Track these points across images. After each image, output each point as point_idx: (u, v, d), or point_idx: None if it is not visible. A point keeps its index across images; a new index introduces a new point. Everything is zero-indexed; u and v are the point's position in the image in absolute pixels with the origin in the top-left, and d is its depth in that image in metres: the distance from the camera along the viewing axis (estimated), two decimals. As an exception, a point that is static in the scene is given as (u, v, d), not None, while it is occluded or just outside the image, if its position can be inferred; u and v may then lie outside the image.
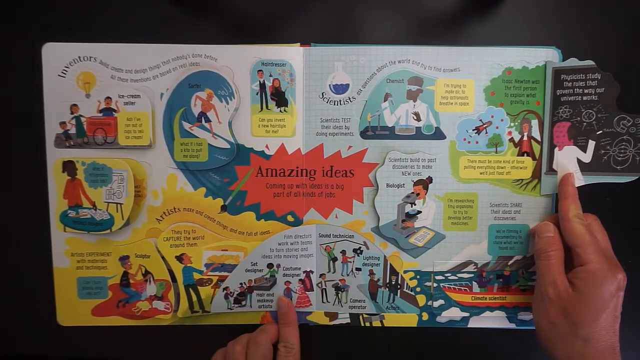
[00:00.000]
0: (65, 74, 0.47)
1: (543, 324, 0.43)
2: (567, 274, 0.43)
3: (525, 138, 0.48)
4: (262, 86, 0.48)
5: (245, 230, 0.49)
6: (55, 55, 0.47)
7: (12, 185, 0.50)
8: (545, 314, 0.43)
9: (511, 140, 0.48)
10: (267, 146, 0.48)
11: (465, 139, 0.48)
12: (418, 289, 0.50)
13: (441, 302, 0.50)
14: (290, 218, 0.49)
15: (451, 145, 0.48)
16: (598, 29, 0.47)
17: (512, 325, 0.50)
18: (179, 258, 0.49)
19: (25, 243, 0.50)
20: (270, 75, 0.48)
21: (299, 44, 0.47)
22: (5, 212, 0.50)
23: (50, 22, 0.48)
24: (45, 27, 0.48)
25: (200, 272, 0.49)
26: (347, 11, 0.48)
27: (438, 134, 0.48)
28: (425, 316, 0.50)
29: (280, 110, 0.48)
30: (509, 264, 0.49)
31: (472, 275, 0.49)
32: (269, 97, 0.48)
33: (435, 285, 0.49)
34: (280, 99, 0.48)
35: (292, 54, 0.47)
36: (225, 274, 0.49)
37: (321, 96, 0.48)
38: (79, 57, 0.47)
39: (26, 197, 0.49)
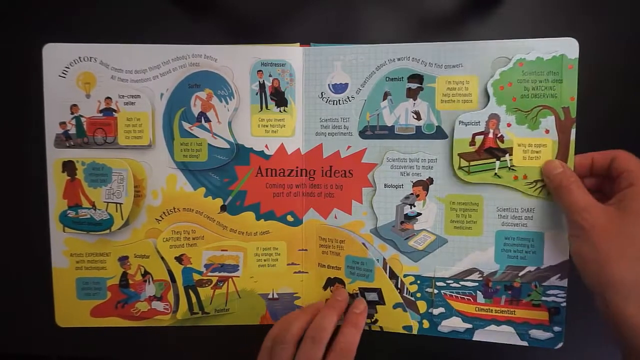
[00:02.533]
0: (65, 74, 0.47)
1: (586, 259, 0.39)
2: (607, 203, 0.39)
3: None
4: (262, 86, 0.47)
5: (245, 230, 0.49)
6: (56, 56, 0.47)
7: (11, 185, 0.50)
8: (585, 247, 0.39)
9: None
10: (266, 146, 0.48)
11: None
12: (419, 295, 0.48)
13: (442, 310, 0.47)
14: (290, 218, 0.49)
15: (453, 144, 0.45)
16: (613, 19, 0.45)
17: (524, 343, 0.46)
18: (179, 259, 0.49)
19: (25, 243, 0.50)
20: (270, 75, 0.47)
21: (298, 43, 0.47)
22: (5, 212, 0.51)
23: (51, 23, 0.49)
24: (46, 27, 0.49)
25: (200, 272, 0.49)
26: (347, 11, 0.48)
27: (439, 133, 0.46)
28: (425, 324, 0.48)
29: (280, 110, 0.48)
30: (519, 275, 0.45)
31: (477, 284, 0.46)
32: (268, 97, 0.48)
33: (436, 291, 0.47)
34: (279, 98, 0.48)
35: (292, 54, 0.47)
36: (225, 274, 0.49)
37: (320, 96, 0.47)
38: (80, 58, 0.47)
39: (25, 197, 0.50)
